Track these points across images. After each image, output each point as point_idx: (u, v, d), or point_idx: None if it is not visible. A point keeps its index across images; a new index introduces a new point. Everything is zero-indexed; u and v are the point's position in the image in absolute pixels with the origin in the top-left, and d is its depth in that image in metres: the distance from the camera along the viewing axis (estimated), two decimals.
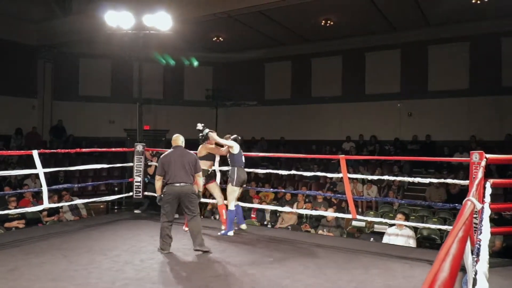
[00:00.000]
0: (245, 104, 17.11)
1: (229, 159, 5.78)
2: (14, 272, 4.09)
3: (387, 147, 13.53)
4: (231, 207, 5.66)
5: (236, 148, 5.64)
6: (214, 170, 6.02)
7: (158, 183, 4.93)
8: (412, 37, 13.67)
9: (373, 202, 9.71)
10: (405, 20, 12.79)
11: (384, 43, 14.21)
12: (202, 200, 6.53)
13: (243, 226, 5.96)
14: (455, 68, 13.28)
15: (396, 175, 10.03)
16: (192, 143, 6.13)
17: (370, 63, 14.78)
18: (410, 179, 5.95)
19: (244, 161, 5.78)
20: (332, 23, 12.95)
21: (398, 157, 10.03)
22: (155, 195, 7.14)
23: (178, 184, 4.75)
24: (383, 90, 14.31)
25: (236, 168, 5.64)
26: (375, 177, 6.13)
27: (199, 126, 5.71)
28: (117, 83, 16.44)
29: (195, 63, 9.55)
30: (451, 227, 1.92)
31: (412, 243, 6.18)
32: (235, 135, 5.87)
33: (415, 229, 6.65)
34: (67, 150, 7.19)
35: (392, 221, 6.35)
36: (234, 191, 5.66)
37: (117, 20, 8.45)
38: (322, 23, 12.96)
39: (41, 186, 5.85)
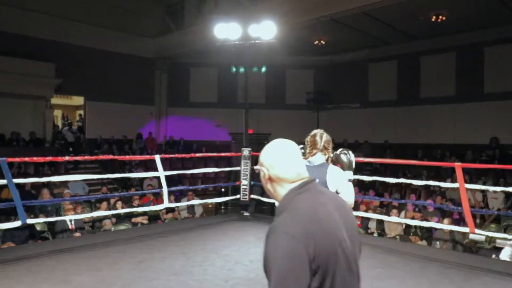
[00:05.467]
0: (348, 106, 16.74)
1: None
2: (141, 264, 4.63)
3: None
4: None
5: None
6: None
7: None
8: None
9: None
10: None
11: (509, 36, 12.66)
12: None
13: None
14: None
15: None
16: None
17: (491, 58, 13.33)
18: None
19: None
20: (444, 18, 12.01)
21: None
22: (261, 198, 7.49)
23: None
24: (507, 88, 12.78)
25: None
26: (498, 189, 5.52)
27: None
28: (223, 90, 17.42)
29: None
30: None
31: None
32: None
33: None
34: (182, 155, 7.86)
35: None
36: None
37: (225, 32, 8.97)
38: (433, 19, 12.09)
39: (160, 186, 6.49)
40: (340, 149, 3.13)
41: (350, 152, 3.10)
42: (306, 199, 1.39)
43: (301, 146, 4.15)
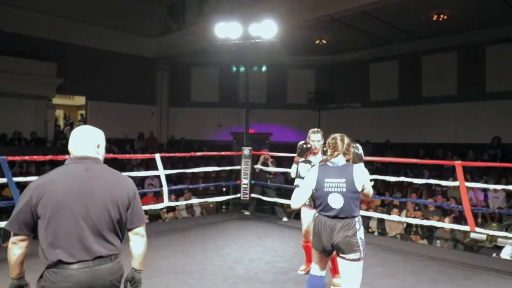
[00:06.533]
0: (349, 106, 16.73)
1: None
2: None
3: None
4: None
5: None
6: None
7: None
8: None
9: (496, 212, 8.71)
10: None
11: (510, 35, 12.61)
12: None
13: None
14: None
15: None
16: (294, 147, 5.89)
17: (492, 57, 13.29)
18: None
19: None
20: (445, 17, 11.99)
21: None
22: (262, 197, 7.49)
23: None
24: (509, 87, 12.73)
25: None
26: (499, 187, 5.50)
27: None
28: (224, 89, 17.42)
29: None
30: None
31: None
32: None
33: None
34: (183, 154, 7.86)
35: None
36: None
37: (226, 31, 8.98)
38: (434, 18, 12.07)
39: (161, 185, 6.50)
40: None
41: (359, 145, 3.21)
42: (67, 168, 1.95)
43: (303, 142, 4.10)
